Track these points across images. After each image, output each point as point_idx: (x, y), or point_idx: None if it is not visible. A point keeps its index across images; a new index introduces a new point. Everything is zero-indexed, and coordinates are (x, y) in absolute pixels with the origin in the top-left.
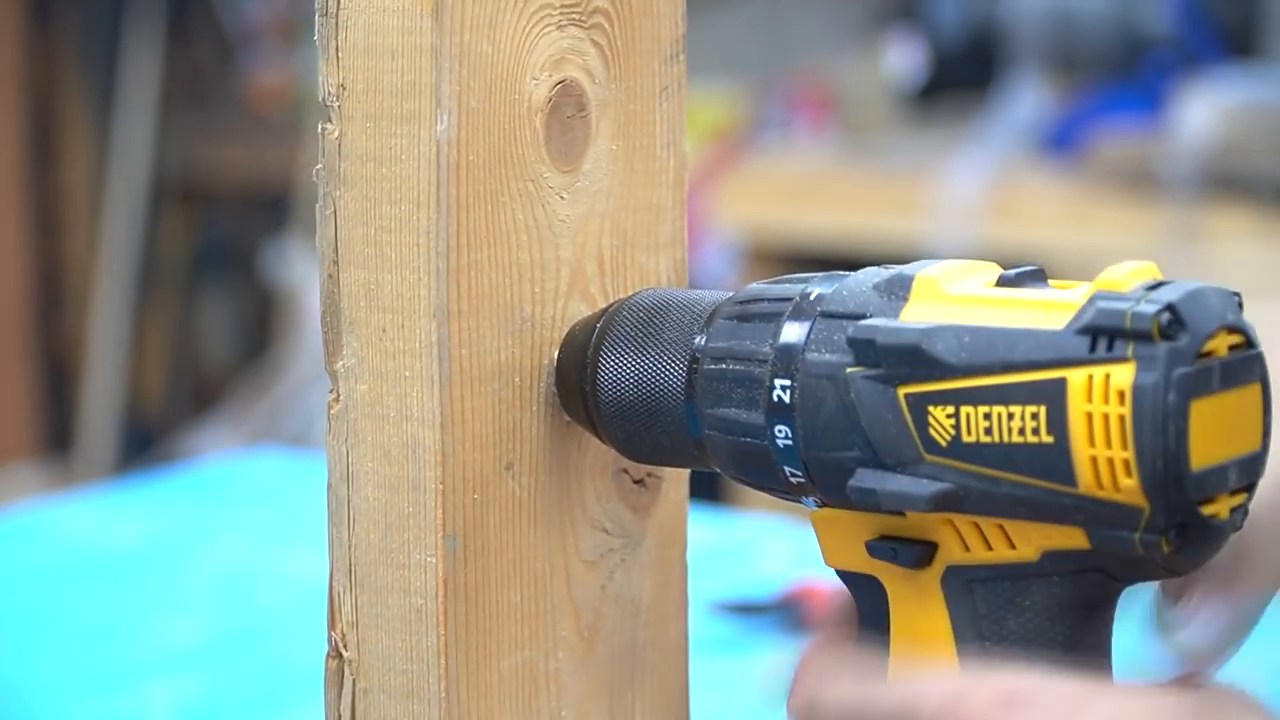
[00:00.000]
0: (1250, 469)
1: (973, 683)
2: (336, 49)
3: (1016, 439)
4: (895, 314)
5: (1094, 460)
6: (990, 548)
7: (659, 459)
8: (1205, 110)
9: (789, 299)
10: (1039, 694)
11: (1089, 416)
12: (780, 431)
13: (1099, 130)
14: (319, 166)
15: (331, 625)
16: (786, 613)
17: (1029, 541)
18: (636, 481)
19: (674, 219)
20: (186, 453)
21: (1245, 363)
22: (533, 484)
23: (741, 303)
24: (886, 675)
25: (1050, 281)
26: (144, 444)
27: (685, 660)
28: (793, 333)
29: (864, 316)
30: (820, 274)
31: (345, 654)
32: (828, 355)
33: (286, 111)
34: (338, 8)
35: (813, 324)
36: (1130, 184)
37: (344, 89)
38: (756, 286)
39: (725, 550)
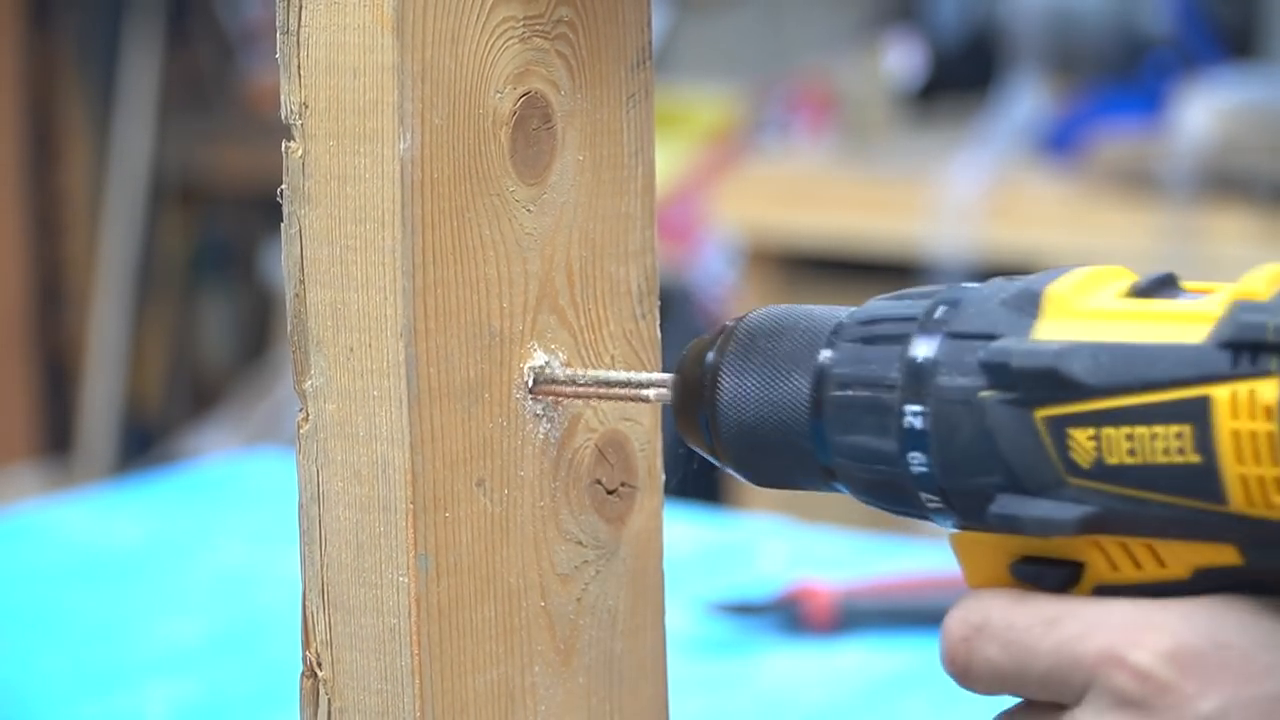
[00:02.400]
0: None
1: (1130, 637)
2: (298, 66)
3: (1162, 459)
4: (1026, 332)
5: (1244, 479)
6: (1139, 567)
7: (784, 483)
8: (1204, 111)
9: (914, 318)
10: (1216, 651)
11: (1236, 434)
12: (915, 459)
13: (1098, 131)
14: (283, 186)
15: (306, 645)
16: (785, 613)
17: (1180, 560)
18: (610, 492)
19: (643, 227)
20: (186, 453)
21: None
22: (505, 499)
23: (864, 323)
24: (1045, 629)
25: (1182, 284)
26: (144, 444)
27: (664, 669)
28: (921, 355)
29: (994, 335)
30: (942, 289)
31: (320, 673)
32: (960, 379)
33: None
34: (299, 25)
35: (941, 345)
36: (1129, 184)
37: (306, 107)
38: (878, 305)
39: (724, 550)
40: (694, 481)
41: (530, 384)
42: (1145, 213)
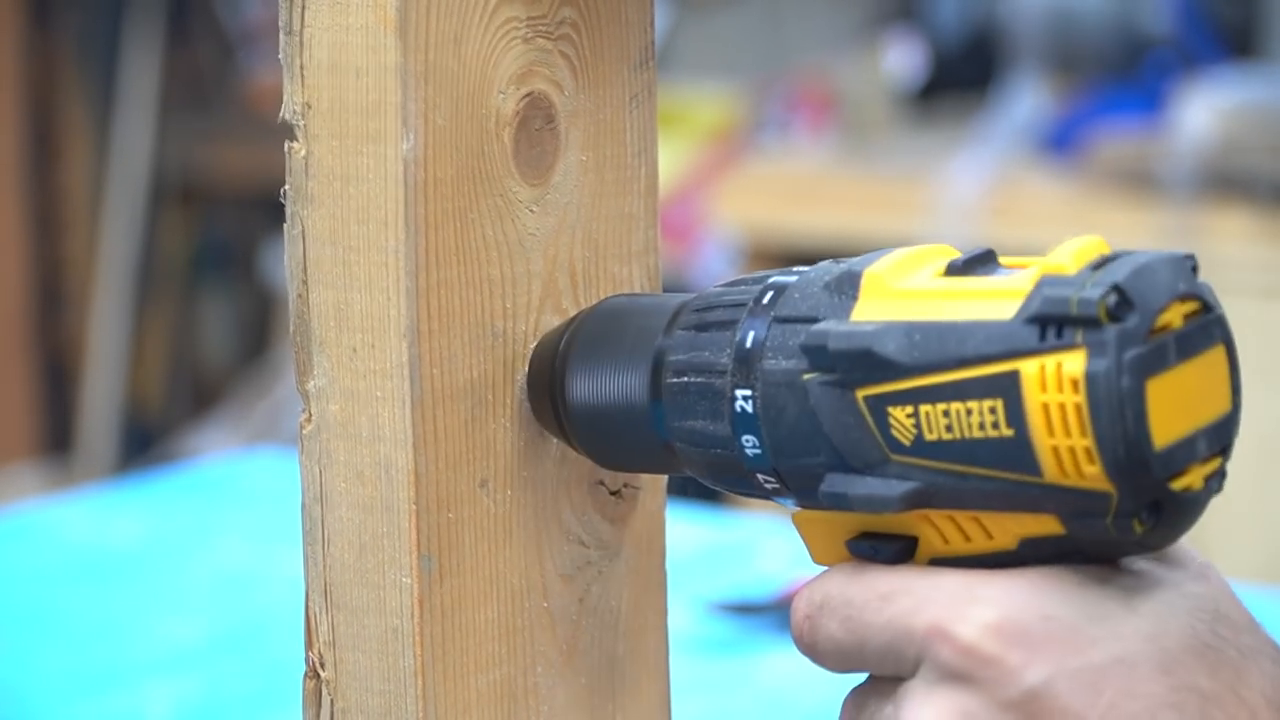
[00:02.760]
0: (1221, 433)
1: (956, 611)
2: (301, 67)
3: (978, 434)
4: (846, 314)
5: (1055, 450)
6: (968, 539)
7: (632, 466)
8: (1205, 110)
9: (743, 304)
10: (1040, 623)
11: (1045, 407)
12: (747, 441)
13: (1099, 130)
14: (286, 186)
15: (308, 645)
16: (785, 613)
17: (1005, 531)
18: (613, 493)
19: (646, 227)
20: (186, 453)
21: (1204, 329)
22: (507, 500)
23: (699, 310)
24: (880, 604)
25: (1002, 260)
26: (144, 444)
27: (666, 670)
28: (749, 341)
29: (816, 319)
30: (776, 272)
31: (323, 674)
32: (784, 362)
33: None
34: (301, 25)
35: (768, 330)
36: (1130, 184)
37: (309, 107)
38: (714, 292)
39: (724, 550)
40: (695, 481)
41: None
42: (1146, 212)
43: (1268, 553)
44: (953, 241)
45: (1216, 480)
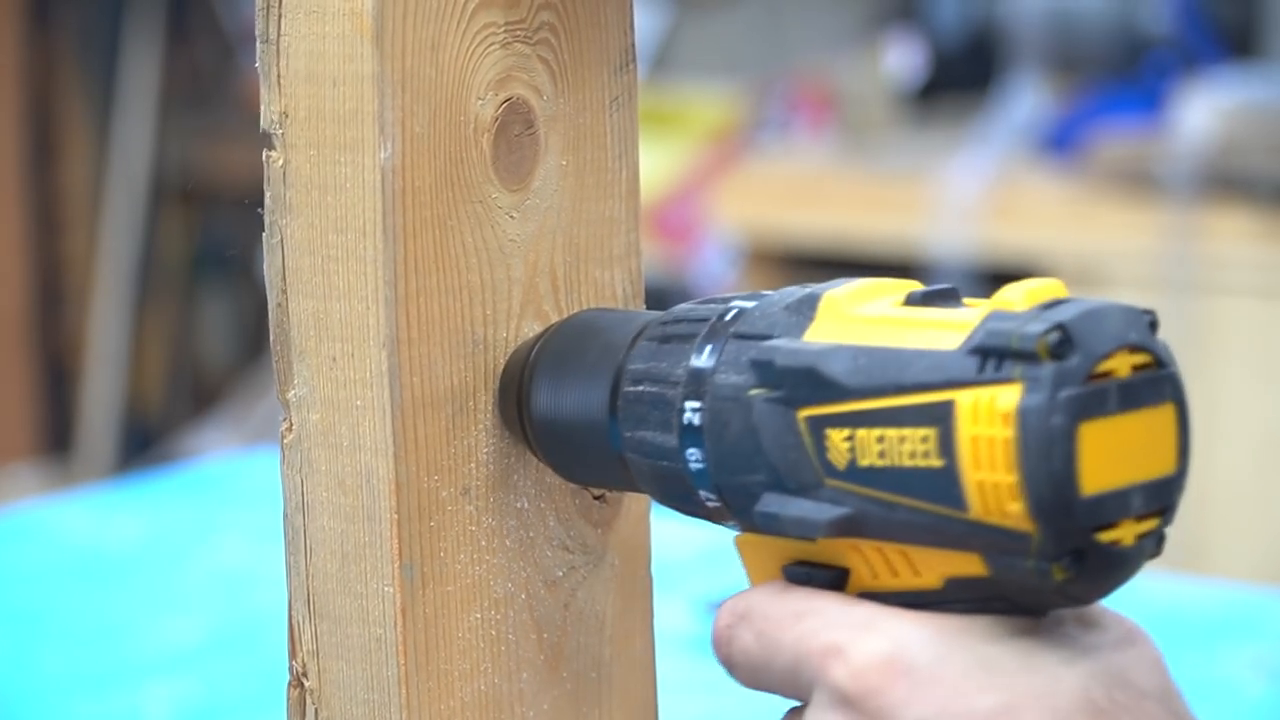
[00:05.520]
0: (1161, 493)
1: (854, 636)
2: (278, 76)
3: (909, 463)
4: (799, 334)
5: (981, 485)
6: (896, 574)
7: (589, 479)
8: (1205, 110)
9: (706, 320)
10: (933, 663)
11: (975, 440)
12: (692, 455)
13: (1099, 131)
14: (265, 195)
15: (292, 654)
16: None
17: (931, 568)
18: (597, 497)
19: (628, 231)
20: (186, 453)
21: (1152, 383)
22: (490, 507)
23: (664, 324)
24: (792, 622)
25: (965, 301)
26: (144, 444)
27: (652, 674)
28: (705, 355)
29: (770, 336)
30: (746, 294)
31: (306, 683)
32: (734, 377)
33: None
34: (278, 34)
35: (724, 345)
36: (1130, 184)
37: (287, 116)
38: (682, 308)
39: (722, 550)
40: None
41: None
42: (1145, 212)
43: (1268, 553)
44: (953, 241)
45: (1152, 541)
